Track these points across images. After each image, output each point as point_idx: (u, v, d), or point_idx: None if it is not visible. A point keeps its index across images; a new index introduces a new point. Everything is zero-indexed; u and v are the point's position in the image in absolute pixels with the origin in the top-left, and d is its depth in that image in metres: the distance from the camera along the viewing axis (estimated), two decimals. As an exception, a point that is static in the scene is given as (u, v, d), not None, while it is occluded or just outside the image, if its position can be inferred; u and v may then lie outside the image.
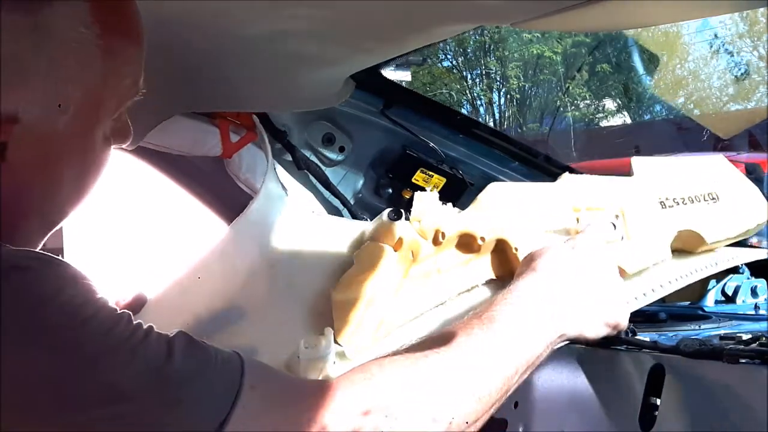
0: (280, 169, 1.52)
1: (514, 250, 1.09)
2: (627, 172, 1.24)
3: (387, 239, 1.02)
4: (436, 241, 1.05)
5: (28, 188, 0.71)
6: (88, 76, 0.70)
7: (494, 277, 1.11)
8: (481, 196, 1.11)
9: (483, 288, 1.11)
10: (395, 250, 1.02)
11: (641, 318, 1.35)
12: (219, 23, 1.00)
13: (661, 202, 1.20)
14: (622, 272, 1.07)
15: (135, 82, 0.76)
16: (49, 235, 0.80)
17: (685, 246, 1.24)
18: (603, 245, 1.01)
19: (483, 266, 1.11)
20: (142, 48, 0.75)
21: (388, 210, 1.03)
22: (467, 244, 1.09)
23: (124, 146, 0.82)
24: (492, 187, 1.13)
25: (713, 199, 1.26)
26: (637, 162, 1.23)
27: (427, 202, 1.05)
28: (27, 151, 0.69)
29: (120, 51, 0.72)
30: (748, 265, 1.52)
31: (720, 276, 1.54)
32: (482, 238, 1.08)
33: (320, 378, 0.93)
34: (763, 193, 1.32)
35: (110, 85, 0.72)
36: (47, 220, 0.77)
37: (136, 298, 1.01)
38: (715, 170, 1.31)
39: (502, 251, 1.11)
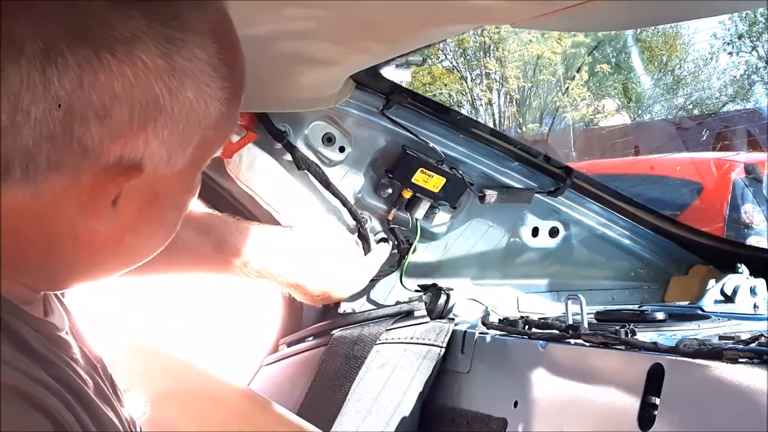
0: (280, 168, 1.53)
1: None
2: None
3: None
4: None
5: (130, 230, 0.67)
6: (209, 119, 0.66)
7: None
8: None
9: None
10: None
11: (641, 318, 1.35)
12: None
13: None
14: None
15: (236, 119, 0.73)
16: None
17: None
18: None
19: None
20: (245, 86, 0.72)
21: None
22: None
23: None
24: None
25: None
26: None
27: None
28: (138, 195, 0.65)
29: (236, 92, 0.69)
30: (747, 264, 1.52)
31: (719, 276, 1.54)
32: None
33: None
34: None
35: (222, 125, 0.69)
36: (138, 257, 0.73)
37: None
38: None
39: None
